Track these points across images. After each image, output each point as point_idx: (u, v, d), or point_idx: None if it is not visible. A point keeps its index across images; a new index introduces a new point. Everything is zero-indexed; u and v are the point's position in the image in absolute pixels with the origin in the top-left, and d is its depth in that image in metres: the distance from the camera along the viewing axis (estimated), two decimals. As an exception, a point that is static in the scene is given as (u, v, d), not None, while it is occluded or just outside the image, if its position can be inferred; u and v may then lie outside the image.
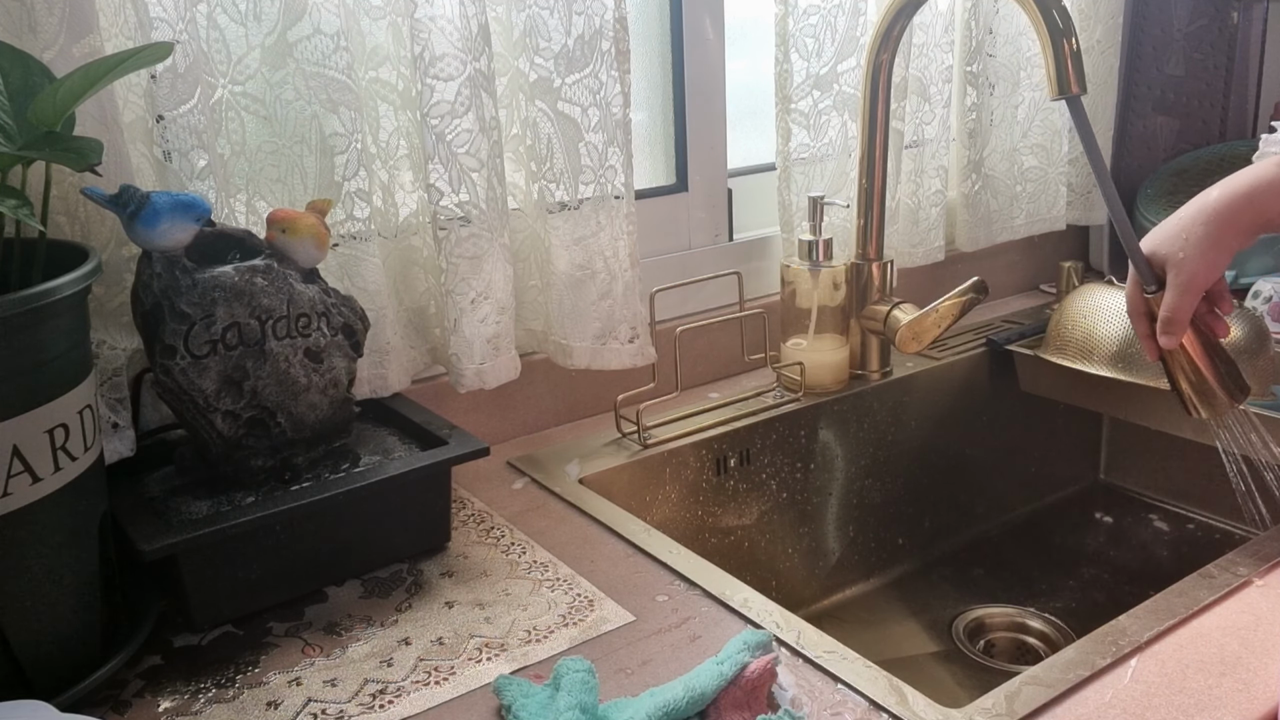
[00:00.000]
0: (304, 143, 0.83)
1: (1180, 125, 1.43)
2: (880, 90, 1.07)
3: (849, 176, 1.18)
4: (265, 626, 0.73)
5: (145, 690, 0.66)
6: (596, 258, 0.98)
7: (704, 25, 1.13)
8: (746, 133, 1.23)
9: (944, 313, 1.03)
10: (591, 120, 0.94)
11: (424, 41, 0.83)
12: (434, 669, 0.67)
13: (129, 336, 0.78)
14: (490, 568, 0.79)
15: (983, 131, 1.31)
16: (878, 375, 1.15)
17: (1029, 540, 1.26)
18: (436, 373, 0.98)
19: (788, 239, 1.17)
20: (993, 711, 0.62)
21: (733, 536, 1.06)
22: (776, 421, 1.07)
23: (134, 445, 0.78)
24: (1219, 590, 0.74)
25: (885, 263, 1.12)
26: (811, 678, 0.65)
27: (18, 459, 0.58)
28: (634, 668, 0.67)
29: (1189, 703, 0.62)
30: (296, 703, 0.64)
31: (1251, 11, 1.36)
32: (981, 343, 1.25)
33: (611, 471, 0.96)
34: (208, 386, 0.71)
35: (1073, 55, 0.80)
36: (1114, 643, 0.68)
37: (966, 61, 1.27)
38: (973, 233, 1.34)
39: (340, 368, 0.78)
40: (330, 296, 0.78)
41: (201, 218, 0.71)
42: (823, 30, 1.12)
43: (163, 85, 0.74)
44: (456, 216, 0.89)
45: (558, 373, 1.04)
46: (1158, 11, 1.40)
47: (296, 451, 0.77)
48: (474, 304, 0.91)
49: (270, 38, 0.80)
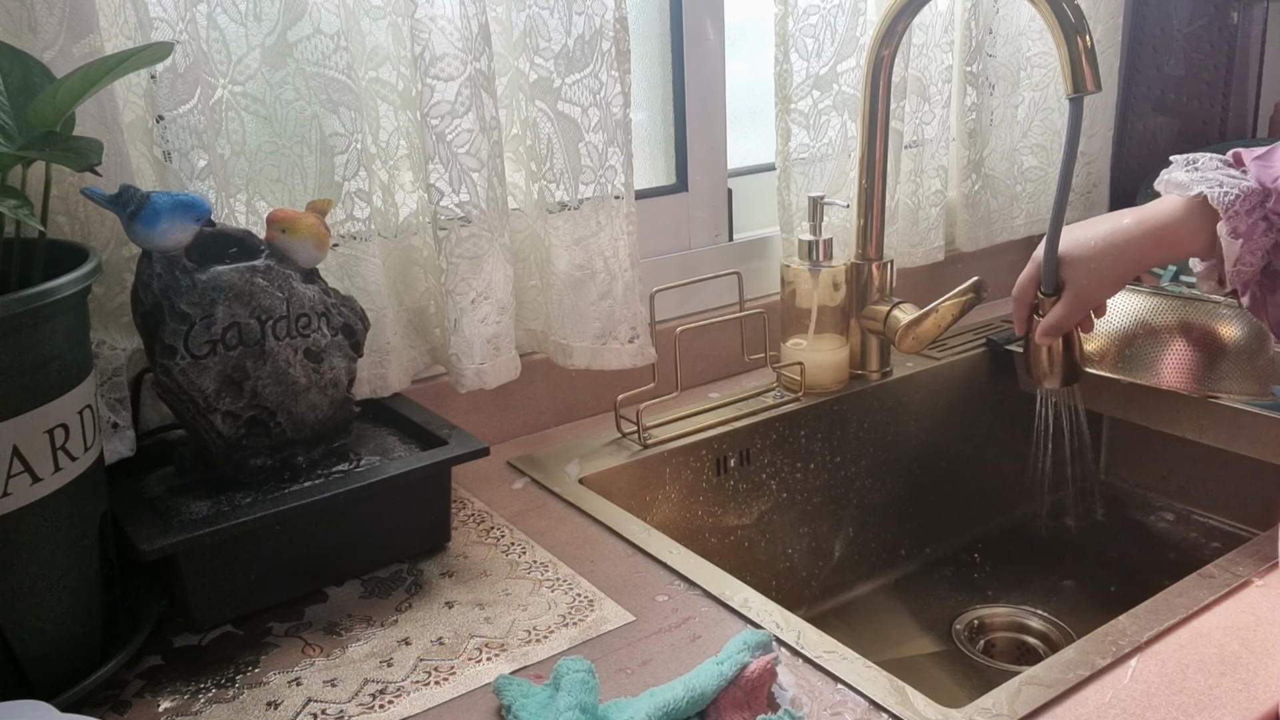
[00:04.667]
0: (304, 143, 0.83)
1: (1180, 125, 1.43)
2: (880, 90, 1.07)
3: (849, 176, 1.18)
4: (265, 626, 0.73)
5: (145, 690, 0.66)
6: (596, 258, 0.98)
7: (704, 25, 1.13)
8: (746, 133, 1.23)
9: (944, 313, 1.03)
10: (591, 120, 0.94)
11: (424, 41, 0.83)
12: (434, 669, 0.67)
13: (129, 336, 0.78)
14: (490, 568, 0.79)
15: (983, 131, 1.31)
16: (878, 375, 1.15)
17: (1029, 540, 1.26)
18: (436, 373, 0.98)
19: (788, 239, 1.17)
20: (993, 711, 0.62)
21: (733, 536, 1.06)
22: (776, 421, 1.07)
23: (134, 445, 0.78)
24: (1219, 590, 0.74)
25: (885, 263, 1.12)
26: (811, 678, 0.65)
27: (18, 459, 0.58)
28: (634, 668, 0.67)
29: (1189, 703, 0.62)
30: (296, 703, 0.64)
31: (1251, 11, 1.36)
32: (981, 343, 1.25)
33: (611, 471, 0.96)
34: (208, 386, 0.71)
35: (1087, 52, 0.80)
36: (1114, 643, 0.68)
37: (966, 61, 1.27)
38: (973, 233, 1.34)
39: (340, 368, 0.78)
40: (330, 296, 0.78)
41: (201, 218, 0.71)
42: (823, 30, 1.12)
43: (163, 85, 0.74)
44: (456, 216, 0.89)
45: (558, 373, 1.04)
46: (1158, 11, 1.40)
47: (296, 451, 0.77)
48: (474, 304, 0.91)
49: (270, 38, 0.80)
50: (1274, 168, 0.72)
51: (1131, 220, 0.79)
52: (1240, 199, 0.71)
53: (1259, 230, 0.72)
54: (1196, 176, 0.75)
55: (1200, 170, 0.75)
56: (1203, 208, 0.74)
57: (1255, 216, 0.72)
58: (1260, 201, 0.72)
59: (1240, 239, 0.72)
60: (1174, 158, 0.78)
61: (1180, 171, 0.76)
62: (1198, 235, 0.76)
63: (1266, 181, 0.71)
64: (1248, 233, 0.71)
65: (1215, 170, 0.75)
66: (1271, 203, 0.71)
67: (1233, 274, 0.74)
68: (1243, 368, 1.03)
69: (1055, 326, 0.85)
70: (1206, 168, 0.75)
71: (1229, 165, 0.76)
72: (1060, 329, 0.85)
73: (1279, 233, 0.72)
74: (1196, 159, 0.77)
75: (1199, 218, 0.75)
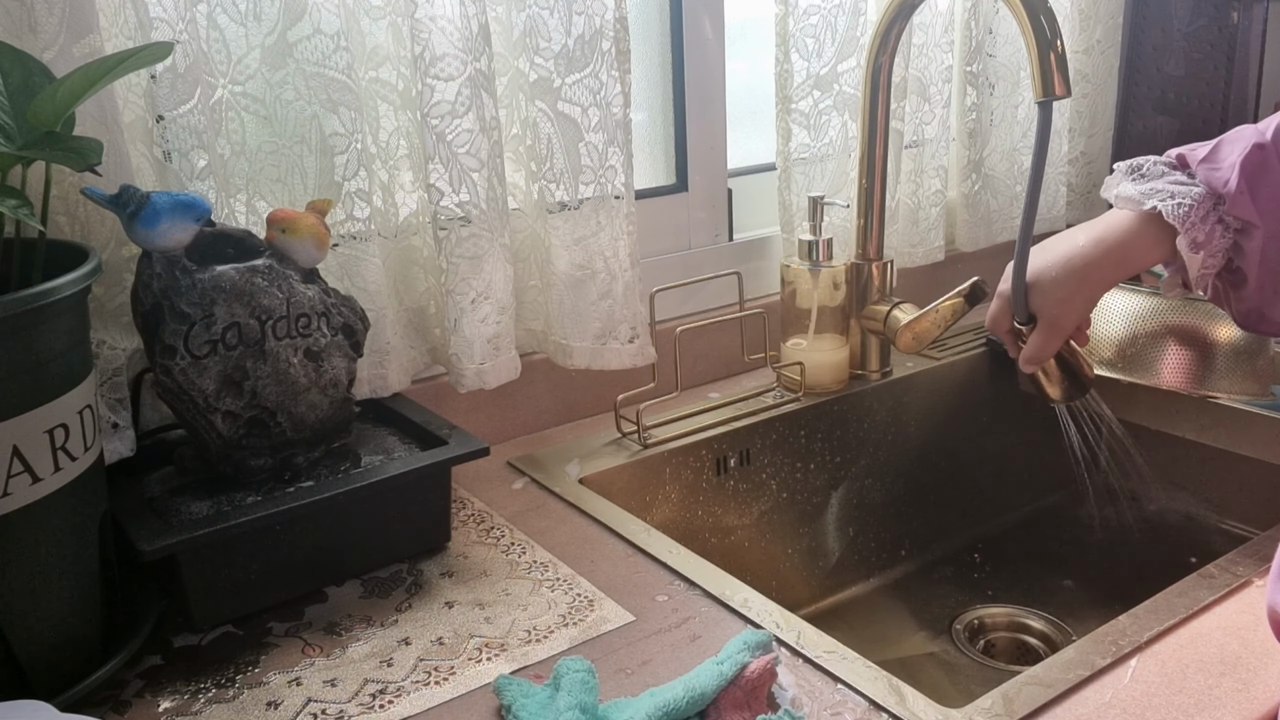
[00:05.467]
0: (304, 143, 0.83)
1: (1180, 125, 1.43)
2: (880, 90, 1.07)
3: (849, 176, 1.18)
4: (265, 626, 0.73)
5: (145, 690, 0.66)
6: (596, 258, 0.98)
7: (704, 25, 1.13)
8: (746, 133, 1.23)
9: (944, 313, 1.03)
10: (591, 120, 0.94)
11: (424, 41, 0.83)
12: (434, 669, 0.67)
13: (129, 336, 0.78)
14: (490, 568, 0.79)
15: (983, 131, 1.31)
16: (878, 375, 1.15)
17: (1029, 540, 1.26)
18: (436, 373, 0.98)
19: (788, 239, 1.17)
20: (992, 711, 0.62)
21: (733, 536, 1.06)
22: (776, 421, 1.07)
23: (134, 445, 0.78)
24: (1219, 590, 0.74)
25: (885, 263, 1.12)
26: (811, 678, 0.65)
27: (18, 459, 0.58)
28: (634, 668, 0.67)
29: (1189, 703, 0.62)
30: (296, 703, 0.64)
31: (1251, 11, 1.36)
32: (981, 343, 1.25)
33: (611, 471, 0.96)
34: (208, 386, 0.71)
35: (1058, 60, 0.80)
36: (1114, 643, 0.68)
37: (966, 61, 1.27)
38: (973, 233, 1.34)
39: (340, 368, 0.78)
40: (330, 296, 0.78)
41: (201, 218, 0.71)
42: (823, 30, 1.12)
43: (163, 85, 0.74)
44: (457, 216, 0.89)
45: (558, 373, 1.04)
46: (1158, 11, 1.40)
47: (296, 451, 0.77)
48: (474, 304, 0.91)
49: (270, 38, 0.80)
50: (1221, 169, 0.71)
51: (1087, 241, 0.77)
52: (1194, 208, 0.71)
53: (1216, 235, 0.71)
54: (1146, 189, 0.73)
55: (1148, 180, 0.74)
56: (1158, 220, 0.72)
57: (1210, 222, 0.71)
58: (1213, 206, 0.71)
59: (1200, 250, 0.71)
60: (1117, 165, 0.77)
61: (1128, 184, 0.75)
62: (1156, 248, 0.74)
63: (1217, 186, 0.71)
64: (1205, 241, 0.71)
65: (1163, 179, 0.73)
66: (1225, 207, 0.71)
67: (1198, 278, 0.73)
68: (1243, 368, 1.03)
69: (1037, 356, 0.82)
70: (1153, 175, 0.74)
71: (1173, 169, 0.75)
72: (1042, 358, 0.82)
73: (1235, 233, 0.71)
74: (1140, 165, 0.75)
75: (1156, 230, 0.73)
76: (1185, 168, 0.74)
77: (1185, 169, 0.74)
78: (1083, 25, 1.38)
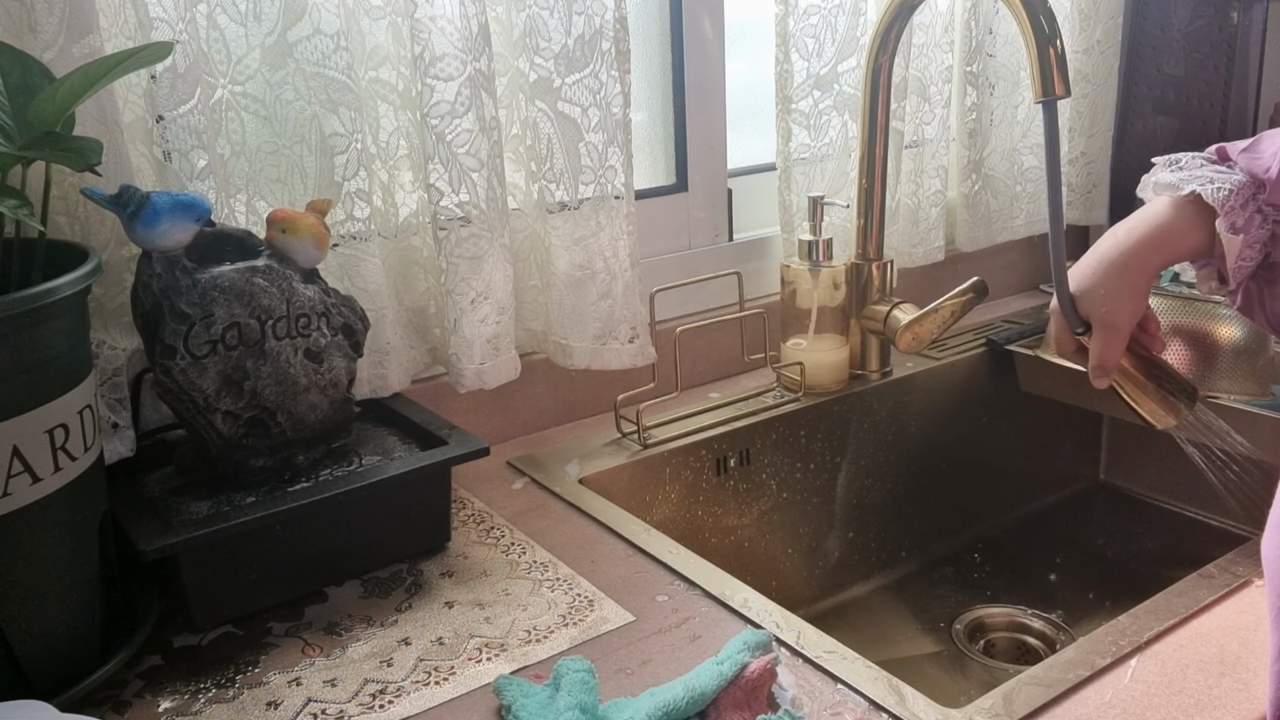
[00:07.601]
0: (304, 143, 0.83)
1: (1180, 125, 1.42)
2: (880, 90, 1.07)
3: (849, 176, 1.18)
4: (265, 626, 0.73)
5: (145, 690, 0.66)
6: (596, 258, 0.98)
7: (704, 25, 1.13)
8: (746, 133, 1.23)
9: (944, 313, 1.03)
10: (591, 120, 0.94)
11: (424, 41, 0.83)
12: (434, 669, 0.67)
13: (129, 336, 0.78)
14: (490, 568, 0.79)
15: (983, 131, 1.31)
16: (878, 375, 1.15)
17: (1029, 540, 1.26)
18: (436, 373, 0.98)
19: (788, 239, 1.17)
20: (992, 711, 0.62)
21: (733, 536, 1.06)
22: (776, 421, 1.07)
23: (134, 445, 0.78)
24: (1219, 590, 0.74)
25: (885, 263, 1.12)
26: (811, 678, 0.65)
27: (18, 459, 0.58)
28: (634, 668, 0.67)
29: (1189, 703, 0.62)
30: (296, 703, 0.64)
31: (1251, 11, 1.36)
32: (981, 343, 1.25)
33: (611, 471, 0.96)
34: (208, 386, 0.71)
35: (1058, 59, 0.80)
36: (1114, 643, 0.68)
37: (966, 61, 1.27)
38: (973, 233, 1.34)
39: (340, 368, 0.78)
40: (330, 296, 0.78)
41: (201, 218, 0.71)
42: (823, 30, 1.12)
43: (163, 85, 0.74)
44: (456, 216, 0.89)
45: (558, 373, 1.04)
46: (1158, 11, 1.40)
47: (296, 451, 0.77)
48: (474, 304, 0.91)
49: (270, 38, 0.80)
50: (1262, 158, 0.71)
51: (1123, 233, 0.76)
52: (1234, 193, 0.71)
53: (1255, 223, 0.71)
54: (1185, 175, 0.74)
55: (1186, 169, 0.74)
56: (1195, 205, 0.73)
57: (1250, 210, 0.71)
58: (1253, 194, 0.71)
59: (1239, 234, 0.71)
60: (1156, 160, 0.77)
61: (1166, 173, 0.75)
62: (1193, 233, 0.75)
63: (1258, 173, 0.71)
64: (1245, 226, 0.71)
65: (1202, 168, 0.74)
66: (1265, 194, 0.71)
67: (1235, 269, 0.73)
68: (1242, 368, 1.02)
69: (1101, 365, 0.79)
70: (1192, 166, 0.75)
71: (1213, 162, 0.75)
72: (1107, 365, 0.79)
73: (1274, 224, 0.71)
74: (1179, 159, 0.75)
75: (1193, 215, 0.74)
76: (1225, 160, 0.74)
77: (1225, 161, 0.74)
78: (1083, 25, 1.38)
